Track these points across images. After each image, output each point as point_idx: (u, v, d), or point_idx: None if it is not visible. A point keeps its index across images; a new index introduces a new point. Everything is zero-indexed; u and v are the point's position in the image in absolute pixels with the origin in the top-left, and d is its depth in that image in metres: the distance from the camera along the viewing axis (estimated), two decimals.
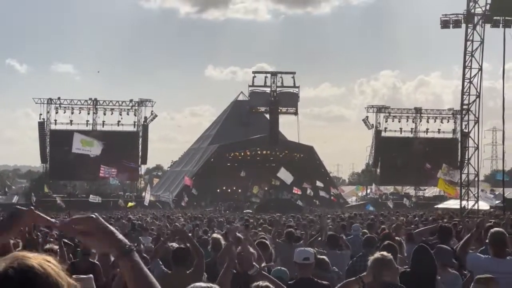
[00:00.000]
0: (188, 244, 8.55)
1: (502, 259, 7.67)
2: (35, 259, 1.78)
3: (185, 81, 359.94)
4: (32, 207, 2.56)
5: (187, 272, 8.11)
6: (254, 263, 5.13)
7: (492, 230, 8.17)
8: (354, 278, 6.22)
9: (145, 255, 11.54)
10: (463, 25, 55.13)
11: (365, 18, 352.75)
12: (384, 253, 6.49)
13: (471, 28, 53.12)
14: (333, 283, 7.92)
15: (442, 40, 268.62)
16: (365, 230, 16.84)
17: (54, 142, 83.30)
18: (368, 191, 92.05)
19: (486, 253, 8.32)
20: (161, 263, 9.09)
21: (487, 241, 8.44)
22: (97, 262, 10.31)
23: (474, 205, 51.32)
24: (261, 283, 4.11)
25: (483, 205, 53.00)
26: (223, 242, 11.55)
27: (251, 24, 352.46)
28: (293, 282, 7.58)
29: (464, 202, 51.93)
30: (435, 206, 64.47)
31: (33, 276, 1.72)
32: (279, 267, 8.44)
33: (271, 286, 4.12)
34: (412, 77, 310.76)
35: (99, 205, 64.06)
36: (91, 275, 7.45)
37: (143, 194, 74.01)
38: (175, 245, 9.53)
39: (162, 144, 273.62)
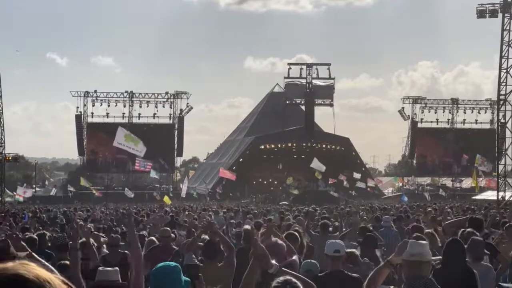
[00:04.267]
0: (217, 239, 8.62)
1: None
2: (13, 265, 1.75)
3: (224, 73, 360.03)
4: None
5: (218, 265, 8.21)
6: (273, 262, 5.08)
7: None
8: (382, 264, 6.27)
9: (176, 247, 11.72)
10: (500, 15, 54.45)
11: (403, 9, 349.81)
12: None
13: (508, 17, 52.45)
14: (364, 275, 7.93)
15: (483, 29, 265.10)
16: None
17: (91, 134, 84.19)
18: (406, 181, 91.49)
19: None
20: (193, 256, 9.24)
21: None
22: (127, 252, 10.45)
23: (511, 196, 50.76)
24: (281, 278, 4.10)
25: None
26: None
27: (292, 15, 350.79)
28: (324, 274, 7.57)
29: (501, 193, 51.42)
30: (472, 198, 63.78)
31: (21, 278, 1.71)
32: (309, 260, 8.46)
33: (293, 279, 4.11)
34: (451, 68, 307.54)
35: (134, 198, 64.13)
36: (116, 268, 7.64)
37: (181, 185, 74.41)
38: (207, 237, 9.66)
39: (199, 136, 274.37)
